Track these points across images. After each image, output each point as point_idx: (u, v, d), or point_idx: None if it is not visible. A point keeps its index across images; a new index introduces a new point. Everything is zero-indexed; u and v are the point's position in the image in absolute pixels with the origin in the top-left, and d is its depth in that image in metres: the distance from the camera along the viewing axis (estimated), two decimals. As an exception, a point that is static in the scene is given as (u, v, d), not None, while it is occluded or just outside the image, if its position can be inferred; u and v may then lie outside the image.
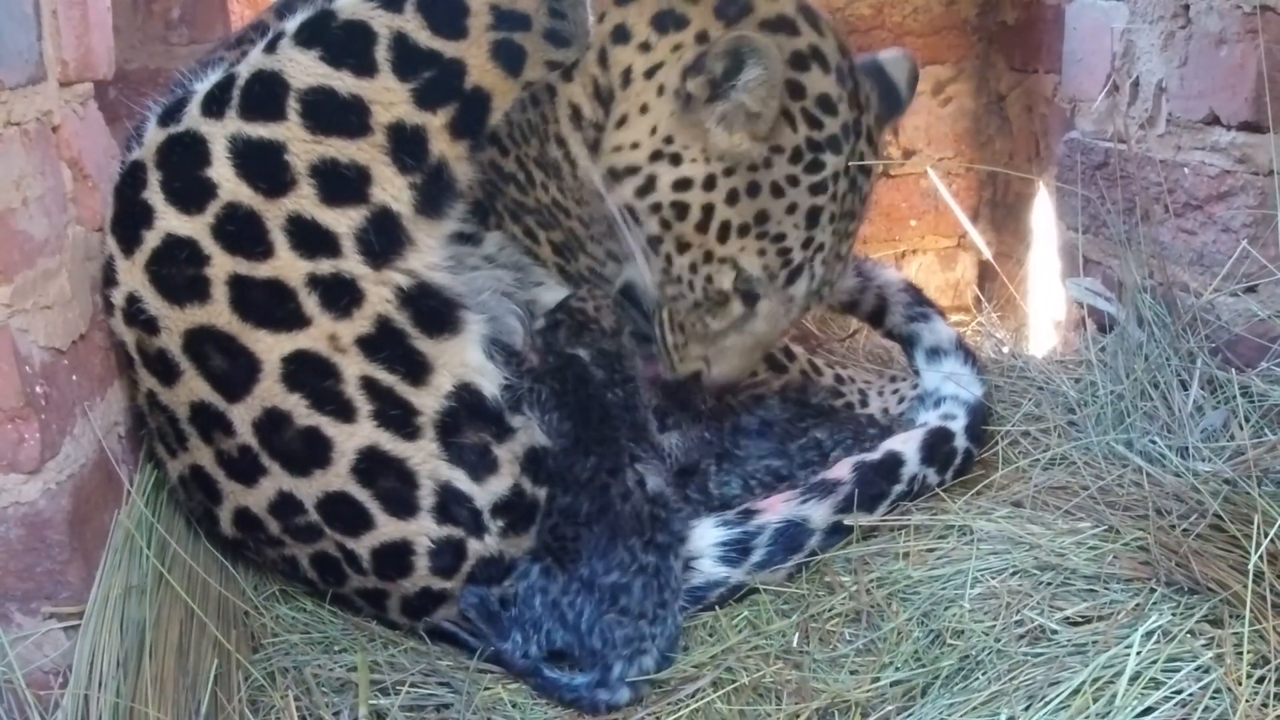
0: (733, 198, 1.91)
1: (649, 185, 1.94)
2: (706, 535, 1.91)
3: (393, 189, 1.72)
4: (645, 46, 1.94)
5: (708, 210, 1.92)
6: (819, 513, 1.93)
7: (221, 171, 1.68)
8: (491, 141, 1.98)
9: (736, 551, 1.90)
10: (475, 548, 1.76)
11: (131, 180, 1.71)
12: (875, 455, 2.03)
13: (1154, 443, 1.90)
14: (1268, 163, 1.94)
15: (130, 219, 1.69)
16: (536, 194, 2.06)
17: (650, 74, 1.93)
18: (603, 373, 1.99)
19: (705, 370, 2.05)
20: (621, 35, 1.94)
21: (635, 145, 1.94)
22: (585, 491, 1.81)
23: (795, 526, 1.91)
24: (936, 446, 2.06)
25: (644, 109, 1.93)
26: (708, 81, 1.86)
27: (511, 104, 1.81)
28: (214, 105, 1.71)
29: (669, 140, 1.92)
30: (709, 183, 1.91)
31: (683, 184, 1.92)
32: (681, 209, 1.93)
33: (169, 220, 1.67)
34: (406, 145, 1.72)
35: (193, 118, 1.71)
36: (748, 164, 1.90)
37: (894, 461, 2.02)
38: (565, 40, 1.77)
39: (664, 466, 1.95)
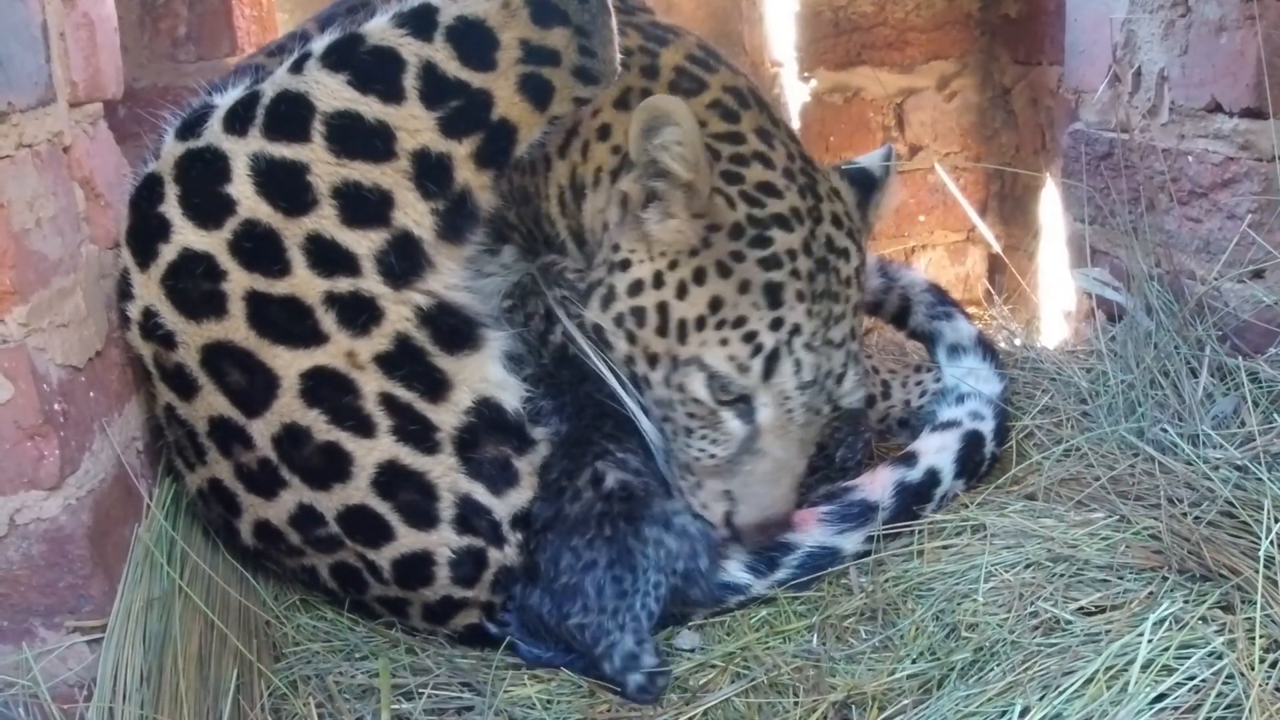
0: (682, 291, 1.83)
1: (610, 296, 1.89)
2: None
3: (415, 214, 1.71)
4: (617, 150, 1.92)
5: (662, 309, 1.84)
6: (850, 543, 1.94)
7: (242, 189, 1.68)
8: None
9: (764, 564, 1.92)
10: (496, 557, 1.79)
11: (148, 193, 1.71)
12: (916, 474, 2.03)
13: (1165, 431, 1.90)
14: (1270, 148, 1.94)
15: (146, 232, 1.70)
16: (537, 247, 2.06)
17: (614, 175, 1.91)
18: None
19: (733, 511, 1.87)
20: (604, 133, 1.93)
21: (602, 263, 1.92)
22: (547, 496, 1.82)
23: (828, 555, 1.93)
24: (970, 456, 2.08)
25: (605, 225, 1.92)
26: (636, 174, 1.83)
27: (533, 142, 1.79)
28: (237, 122, 1.70)
29: (616, 248, 1.89)
30: (657, 280, 1.85)
31: (635, 287, 1.86)
32: (639, 313, 1.86)
33: (186, 234, 1.68)
34: (430, 172, 1.71)
35: (214, 133, 1.71)
36: (688, 250, 1.83)
37: (932, 481, 2.03)
38: (594, 78, 1.77)
39: (638, 457, 1.90)
